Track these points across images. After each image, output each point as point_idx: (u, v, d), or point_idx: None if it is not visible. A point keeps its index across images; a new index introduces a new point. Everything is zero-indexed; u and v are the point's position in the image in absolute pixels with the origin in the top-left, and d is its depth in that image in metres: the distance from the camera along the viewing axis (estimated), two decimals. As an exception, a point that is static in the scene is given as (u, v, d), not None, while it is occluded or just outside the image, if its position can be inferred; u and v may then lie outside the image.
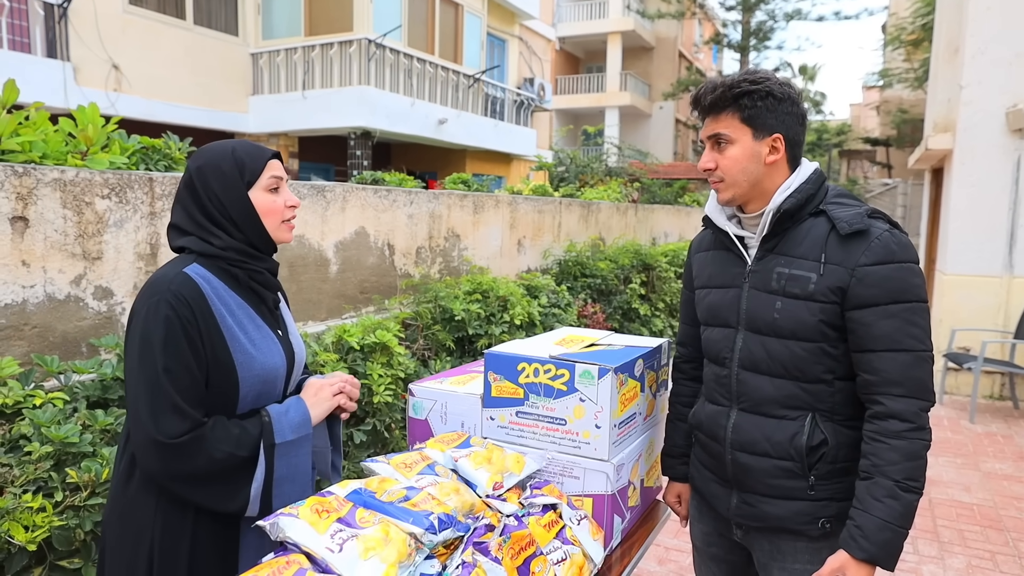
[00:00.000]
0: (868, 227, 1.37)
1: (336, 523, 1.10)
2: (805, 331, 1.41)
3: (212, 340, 1.32)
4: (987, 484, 4.24)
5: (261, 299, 1.45)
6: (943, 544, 3.46)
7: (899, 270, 1.36)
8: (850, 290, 1.37)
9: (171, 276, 1.32)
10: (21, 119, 2.65)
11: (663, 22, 24.87)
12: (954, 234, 6.22)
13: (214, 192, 1.38)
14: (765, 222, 1.45)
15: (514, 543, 1.21)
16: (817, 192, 1.45)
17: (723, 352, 1.54)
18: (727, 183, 1.46)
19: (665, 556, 3.27)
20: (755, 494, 1.50)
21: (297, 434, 1.40)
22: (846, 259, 1.37)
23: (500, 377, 1.62)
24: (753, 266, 1.49)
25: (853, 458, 1.44)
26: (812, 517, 1.45)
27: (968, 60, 6.04)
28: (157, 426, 1.24)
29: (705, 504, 1.68)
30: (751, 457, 1.48)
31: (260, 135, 11.49)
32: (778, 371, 1.44)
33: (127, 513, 1.35)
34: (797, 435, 1.43)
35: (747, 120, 1.42)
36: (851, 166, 26.77)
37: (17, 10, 8.52)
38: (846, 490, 1.45)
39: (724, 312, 1.54)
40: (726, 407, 1.54)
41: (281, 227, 1.45)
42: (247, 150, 1.42)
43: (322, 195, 3.98)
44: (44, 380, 2.43)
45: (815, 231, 1.42)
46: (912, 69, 19.12)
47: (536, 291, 5.19)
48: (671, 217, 11.03)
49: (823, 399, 1.43)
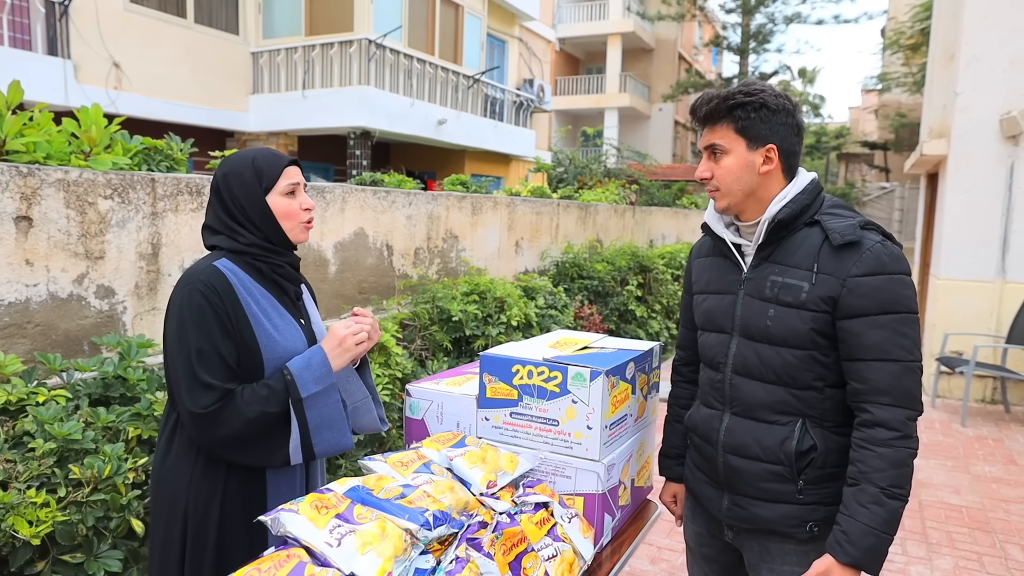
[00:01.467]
0: (860, 238, 1.40)
1: (335, 519, 1.14)
2: (796, 339, 1.44)
3: (239, 324, 1.47)
4: (976, 487, 4.29)
5: (283, 290, 1.60)
6: (931, 545, 3.51)
7: (889, 281, 1.38)
8: (841, 300, 1.40)
9: (202, 268, 1.48)
10: (26, 120, 2.69)
11: (663, 24, 24.91)
12: (948, 239, 6.28)
13: (236, 197, 1.53)
14: (760, 231, 1.49)
15: (506, 539, 1.26)
16: (812, 203, 1.48)
17: (717, 357, 1.58)
18: (722, 192, 1.50)
19: (657, 555, 3.32)
20: (746, 497, 1.54)
21: (321, 385, 1.49)
22: (838, 269, 1.40)
23: (495, 379, 1.66)
24: (748, 273, 1.53)
25: (842, 464, 1.47)
26: (800, 521, 1.49)
27: (963, 67, 6.09)
28: (193, 400, 1.40)
29: (698, 505, 1.71)
30: (742, 460, 1.52)
31: (260, 134, 11.52)
32: (770, 377, 1.48)
33: (164, 481, 1.51)
34: (787, 440, 1.47)
35: (741, 131, 1.46)
36: (849, 169, 26.85)
37: (18, 7, 8.54)
38: (834, 495, 1.48)
39: (719, 318, 1.58)
40: (719, 411, 1.58)
41: (298, 228, 1.59)
42: (266, 158, 1.56)
43: (321, 196, 4.02)
44: (47, 378, 2.47)
45: (809, 241, 1.45)
46: (911, 73, 19.20)
47: (533, 292, 5.23)
48: (669, 219, 11.07)
49: (813, 405, 1.46)
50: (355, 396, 1.66)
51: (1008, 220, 6.03)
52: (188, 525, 1.45)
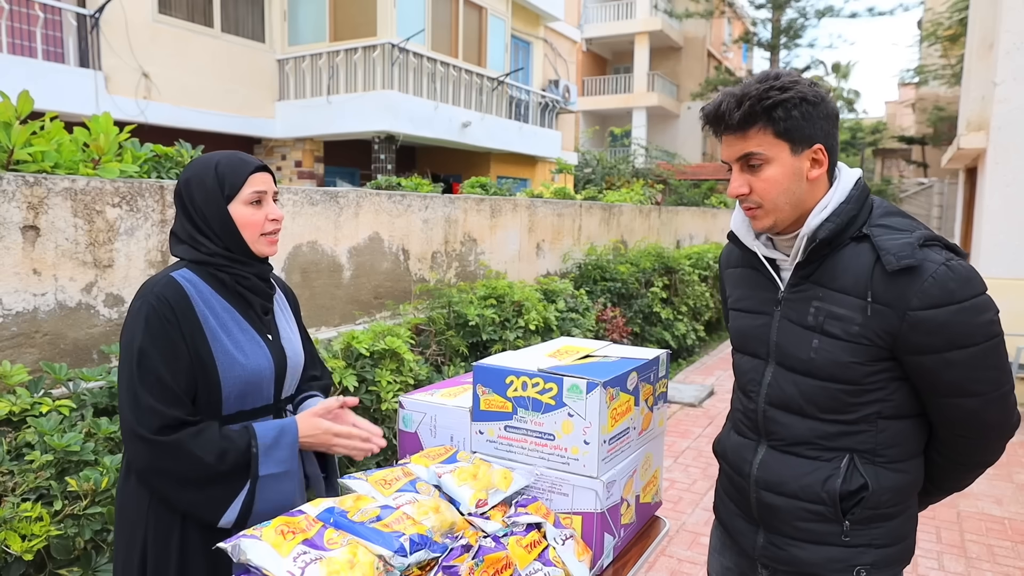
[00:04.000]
0: (920, 262, 1.18)
1: (301, 544, 1.07)
2: (847, 374, 1.26)
3: (195, 340, 1.38)
4: (1020, 497, 4.08)
5: (248, 303, 1.49)
6: (970, 560, 3.32)
7: (960, 313, 1.18)
8: (901, 336, 1.21)
9: (157, 280, 1.40)
10: (35, 128, 2.70)
11: (691, 21, 24.60)
12: (988, 236, 6.01)
13: (197, 204, 1.44)
14: (798, 248, 1.28)
15: (488, 566, 1.17)
16: (860, 212, 1.27)
17: (750, 385, 1.42)
18: (766, 209, 1.28)
19: (677, 568, 3.20)
20: (783, 536, 1.39)
21: (281, 468, 1.40)
22: (896, 300, 1.20)
23: (489, 390, 1.58)
24: (786, 293, 1.33)
25: (896, 503, 1.32)
26: (847, 564, 1.32)
27: (1002, 56, 5.83)
28: (137, 420, 1.31)
29: (729, 538, 1.56)
30: (778, 498, 1.37)
31: (287, 140, 11.64)
32: (812, 412, 1.31)
33: (126, 505, 1.43)
34: (831, 479, 1.30)
35: (782, 134, 1.24)
36: (886, 165, 26.19)
37: (51, 21, 8.74)
38: (887, 535, 1.33)
39: (752, 342, 1.41)
40: (753, 441, 1.43)
41: (260, 240, 1.48)
42: (230, 164, 1.46)
43: (335, 201, 3.99)
44: (53, 387, 2.47)
45: (858, 261, 1.25)
46: (949, 65, 18.63)
47: (553, 295, 5.14)
48: (696, 219, 10.88)
49: (865, 440, 1.29)
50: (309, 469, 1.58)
51: (1052, 215, 5.75)
52: (148, 552, 1.38)
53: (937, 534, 3.58)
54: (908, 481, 1.33)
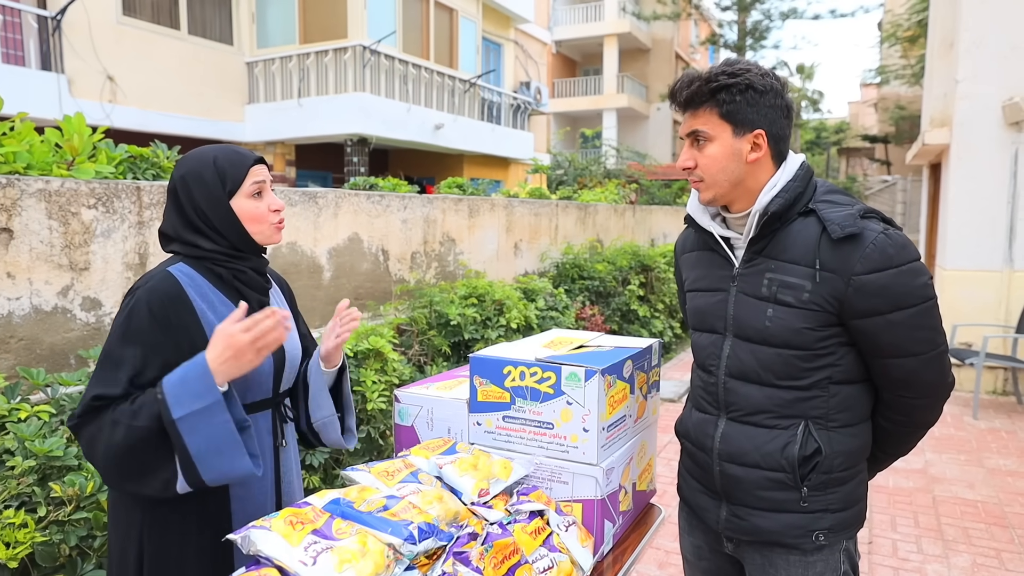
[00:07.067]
0: (861, 230, 1.29)
1: (311, 535, 1.07)
2: (800, 340, 1.34)
3: (191, 335, 1.34)
4: (991, 481, 4.19)
5: (245, 298, 1.45)
6: (947, 542, 3.41)
7: (899, 275, 1.29)
8: (847, 301, 1.30)
9: (152, 274, 1.36)
10: (5, 130, 2.63)
11: (659, 24, 24.85)
12: (953, 229, 6.18)
13: (196, 202, 1.40)
14: (751, 224, 1.38)
15: (497, 552, 1.18)
16: (806, 189, 1.37)
17: (710, 359, 1.48)
18: (707, 183, 1.38)
19: (665, 560, 3.23)
20: (745, 507, 1.44)
21: (200, 402, 1.23)
22: (841, 266, 1.30)
23: (486, 381, 1.58)
24: (741, 269, 1.42)
25: (849, 466, 1.40)
26: (805, 530, 1.40)
27: (963, 53, 6.01)
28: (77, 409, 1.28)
29: (695, 516, 1.61)
30: (740, 468, 1.43)
31: (257, 144, 11.48)
32: (769, 380, 1.38)
33: (120, 502, 1.38)
34: (789, 445, 1.37)
35: (726, 116, 1.34)
36: (850, 164, 26.76)
37: (10, 23, 8.52)
38: (841, 500, 1.40)
39: (710, 318, 1.47)
40: (714, 416, 1.48)
41: (269, 230, 1.46)
42: (229, 157, 1.43)
43: (314, 201, 3.96)
44: (31, 393, 2.40)
45: (805, 233, 1.34)
46: (909, 66, 19.10)
47: (533, 294, 5.15)
48: (669, 218, 11.00)
49: (817, 406, 1.37)
50: (322, 412, 1.55)
51: (1014, 208, 5.93)
52: (145, 549, 1.34)
53: (915, 519, 3.67)
54: (858, 445, 1.42)
